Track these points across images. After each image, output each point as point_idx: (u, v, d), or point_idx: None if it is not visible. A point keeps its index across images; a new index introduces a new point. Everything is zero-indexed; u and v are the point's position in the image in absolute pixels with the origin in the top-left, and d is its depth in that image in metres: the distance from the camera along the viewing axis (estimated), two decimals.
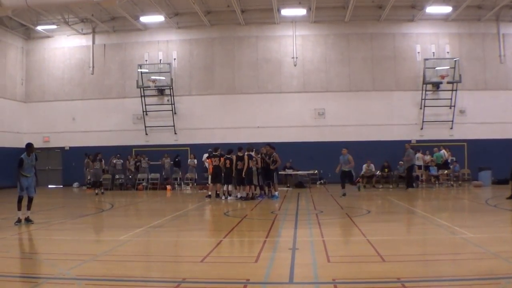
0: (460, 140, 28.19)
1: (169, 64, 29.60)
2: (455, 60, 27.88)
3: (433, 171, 25.72)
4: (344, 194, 19.91)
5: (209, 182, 21.48)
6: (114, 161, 27.29)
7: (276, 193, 19.98)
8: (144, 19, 28.96)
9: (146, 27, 30.25)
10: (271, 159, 19.85)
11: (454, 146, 27.49)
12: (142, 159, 27.57)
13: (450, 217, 13.79)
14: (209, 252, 8.81)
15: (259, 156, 19.90)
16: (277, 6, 27.43)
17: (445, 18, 28.76)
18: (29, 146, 13.24)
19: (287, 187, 25.98)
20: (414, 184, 24.19)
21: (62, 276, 7.22)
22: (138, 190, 26.01)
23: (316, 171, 27.74)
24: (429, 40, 29.18)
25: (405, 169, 24.28)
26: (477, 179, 25.72)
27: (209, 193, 20.56)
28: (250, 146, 20.52)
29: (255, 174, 19.41)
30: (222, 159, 20.04)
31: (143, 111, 29.66)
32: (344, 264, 7.87)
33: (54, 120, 30.86)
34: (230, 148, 20.42)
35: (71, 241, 10.51)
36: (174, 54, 30.25)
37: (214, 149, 21.08)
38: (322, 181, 28.46)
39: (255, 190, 19.78)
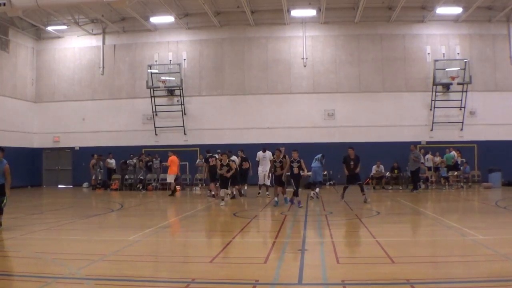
0: (470, 141, 28.00)
1: (179, 64, 29.65)
2: (466, 61, 27.75)
3: (443, 172, 25.58)
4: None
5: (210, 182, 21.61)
6: (128, 161, 27.39)
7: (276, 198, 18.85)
8: (154, 19, 29.04)
9: (156, 28, 30.34)
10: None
11: (464, 147, 27.32)
12: (154, 159, 27.57)
13: (460, 219, 13.69)
14: (218, 253, 8.83)
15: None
16: (287, 7, 27.40)
17: (455, 19, 28.61)
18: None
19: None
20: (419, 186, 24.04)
21: (72, 275, 7.27)
22: (147, 191, 26.02)
23: (326, 172, 27.65)
24: (439, 41, 29.03)
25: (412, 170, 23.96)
26: (487, 181, 25.50)
27: (212, 192, 20.60)
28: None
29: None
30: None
31: (153, 112, 29.74)
32: (354, 265, 7.86)
33: (64, 120, 31.00)
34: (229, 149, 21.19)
35: (80, 241, 10.55)
36: (184, 55, 30.29)
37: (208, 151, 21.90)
38: (331, 182, 28.36)
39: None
